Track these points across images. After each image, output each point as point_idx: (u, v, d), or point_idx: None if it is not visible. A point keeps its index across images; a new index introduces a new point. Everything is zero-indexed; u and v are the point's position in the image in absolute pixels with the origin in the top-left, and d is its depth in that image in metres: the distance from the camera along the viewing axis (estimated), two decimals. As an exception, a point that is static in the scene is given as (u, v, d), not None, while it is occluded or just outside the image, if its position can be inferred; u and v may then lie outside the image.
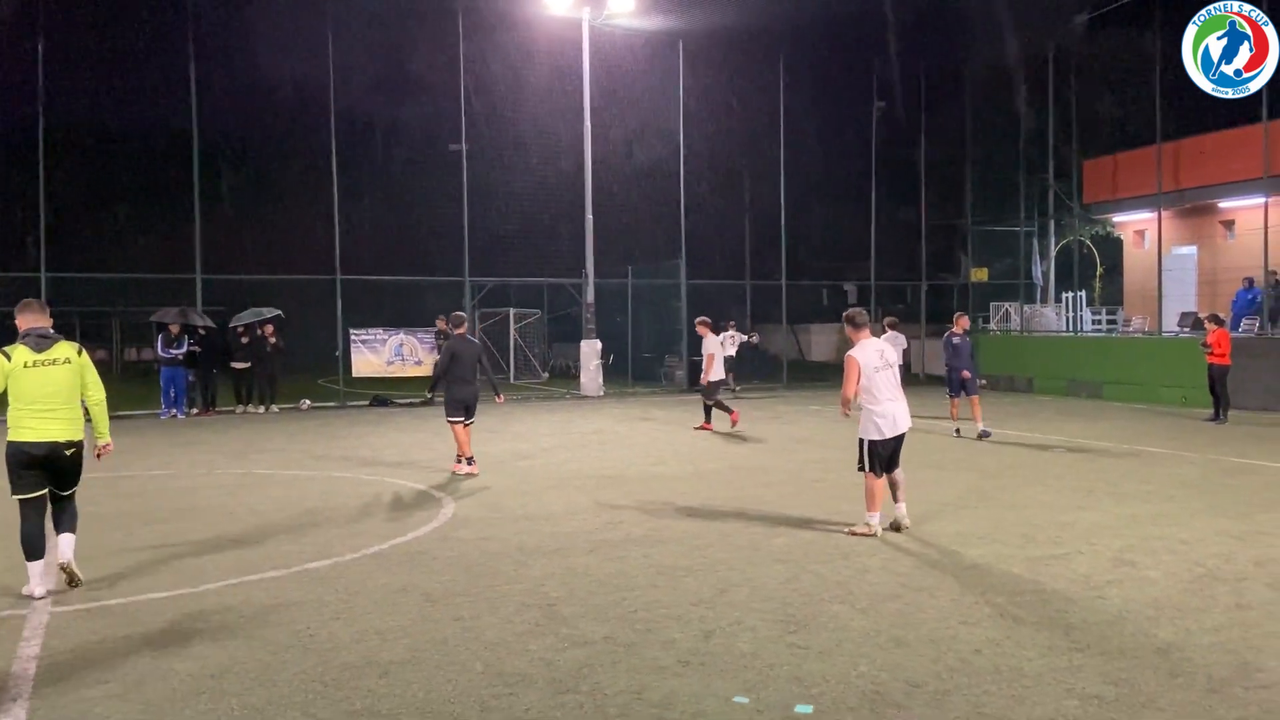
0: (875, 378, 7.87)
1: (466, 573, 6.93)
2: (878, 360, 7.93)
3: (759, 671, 4.93)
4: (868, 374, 7.85)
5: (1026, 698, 4.55)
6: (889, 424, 7.90)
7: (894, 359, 8.08)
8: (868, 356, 7.91)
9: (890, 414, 7.90)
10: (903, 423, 8.00)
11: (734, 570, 6.91)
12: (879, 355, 7.97)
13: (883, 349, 8.04)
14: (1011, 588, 6.40)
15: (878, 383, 7.88)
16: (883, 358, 7.96)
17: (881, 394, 7.88)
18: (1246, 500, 9.44)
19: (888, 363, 7.97)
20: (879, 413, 7.89)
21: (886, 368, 7.94)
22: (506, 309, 29.26)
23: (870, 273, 28.33)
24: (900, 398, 8.03)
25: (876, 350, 8.00)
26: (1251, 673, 4.81)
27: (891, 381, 7.96)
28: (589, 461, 12.55)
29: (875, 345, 8.06)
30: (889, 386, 7.93)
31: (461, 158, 22.78)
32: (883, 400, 7.88)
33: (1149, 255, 24.45)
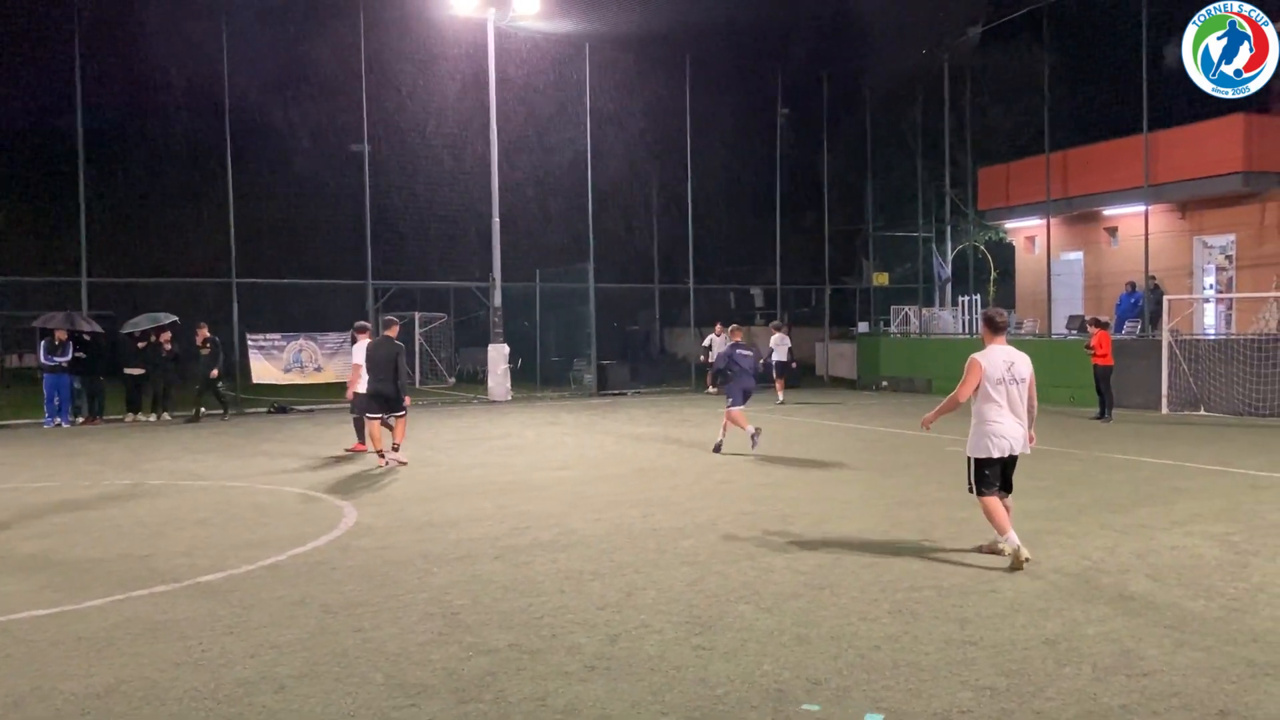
0: (996, 391, 7.04)
1: (367, 583, 6.77)
2: (1004, 371, 7.07)
3: (665, 674, 4.94)
4: (989, 384, 7.04)
5: (923, 690, 4.67)
6: (1001, 443, 7.05)
7: (1025, 374, 7.14)
8: (993, 365, 7.09)
9: (1005, 433, 7.03)
10: (1018, 444, 7.11)
11: (640, 574, 6.92)
12: (1006, 367, 7.08)
13: (1013, 361, 7.12)
14: (909, 583, 6.56)
15: (997, 396, 7.04)
16: (1010, 371, 7.07)
17: (996, 409, 7.04)
18: (1129, 495, 9.87)
19: (1015, 377, 7.08)
20: (991, 431, 7.04)
21: (1013, 382, 7.07)
22: (412, 313, 28.79)
23: (776, 277, 28.78)
24: (1021, 417, 7.12)
25: (1005, 361, 7.11)
26: (1134, 661, 5.02)
27: (1015, 398, 7.07)
28: (495, 467, 12.43)
29: (1004, 355, 7.15)
30: (1010, 402, 7.06)
31: (364, 158, 22.33)
32: (995, 418, 7.04)
33: (1039, 260, 25.42)
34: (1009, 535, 6.94)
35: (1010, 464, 7.18)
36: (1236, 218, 22.16)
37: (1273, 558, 7.14)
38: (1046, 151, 23.84)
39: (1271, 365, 17.16)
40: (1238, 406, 17.53)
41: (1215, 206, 22.44)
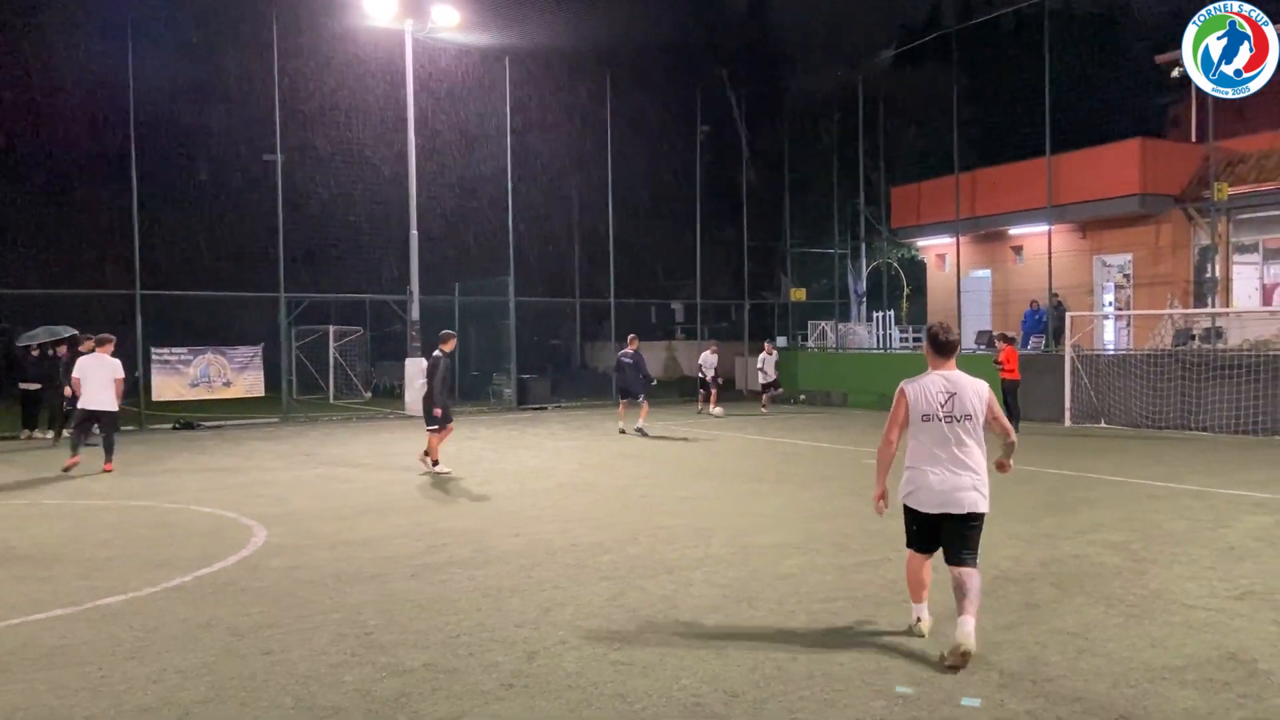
0: (923, 428, 5.46)
1: (277, 604, 6.59)
2: (938, 404, 5.41)
3: (583, 691, 4.91)
4: (915, 419, 5.47)
5: (837, 701, 4.73)
6: (921, 495, 5.47)
7: (971, 408, 5.41)
8: (923, 395, 5.44)
9: (929, 484, 5.42)
10: (951, 499, 5.37)
11: (559, 589, 6.87)
12: (943, 400, 5.41)
13: (954, 391, 5.41)
14: (825, 595, 6.65)
15: (923, 436, 5.47)
16: (950, 404, 5.40)
17: (923, 451, 5.48)
18: (1034, 505, 10.18)
19: (957, 413, 5.40)
20: (912, 478, 5.54)
21: (952, 419, 5.39)
22: (326, 326, 28.21)
23: (696, 291, 29.03)
24: (967, 464, 5.41)
25: (942, 391, 5.43)
26: (1038, 667, 5.17)
27: (954, 438, 5.39)
28: (411, 483, 12.24)
29: (944, 383, 5.46)
30: (943, 442, 5.40)
31: (276, 168, 21.83)
32: (919, 463, 5.49)
33: (949, 278, 26.16)
34: (917, 605, 5.69)
35: (947, 522, 5.41)
36: (1134, 238, 23.15)
37: (1169, 565, 7.43)
38: (956, 172, 24.59)
39: (1166, 380, 17.93)
40: (1136, 419, 18.26)
41: (1114, 227, 23.41)
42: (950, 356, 5.55)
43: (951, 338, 5.56)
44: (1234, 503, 10.15)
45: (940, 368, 5.52)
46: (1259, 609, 6.19)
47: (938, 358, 5.55)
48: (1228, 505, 10.00)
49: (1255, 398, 16.49)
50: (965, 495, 5.37)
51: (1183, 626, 5.84)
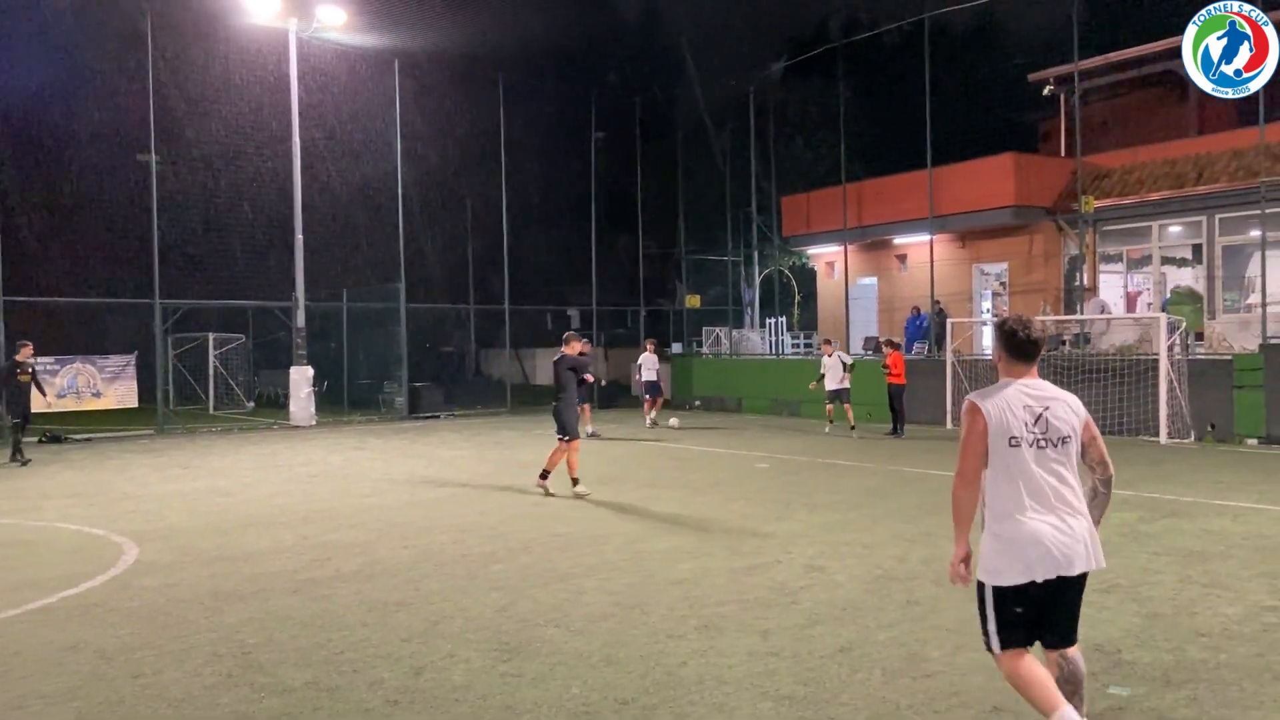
0: (1013, 457, 3.88)
1: (149, 624, 6.29)
2: (1025, 425, 3.88)
3: (471, 704, 4.84)
4: (999, 447, 3.88)
5: (726, 704, 4.77)
6: (1036, 553, 3.81)
7: (1068, 428, 3.94)
8: (1006, 411, 3.90)
9: (1041, 536, 3.81)
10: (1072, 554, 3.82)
11: (448, 601, 6.76)
12: (1033, 417, 3.90)
13: (1047, 404, 3.92)
14: (716, 599, 6.71)
15: (1016, 466, 3.88)
16: (1043, 422, 3.90)
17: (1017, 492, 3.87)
18: (917, 505, 10.51)
19: (1051, 436, 3.90)
20: (1012, 533, 3.87)
21: (1047, 444, 3.89)
22: (206, 334, 27.17)
23: (592, 297, 29.03)
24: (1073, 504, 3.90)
25: (1032, 405, 3.92)
26: (919, 663, 5.33)
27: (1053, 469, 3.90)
28: (297, 496, 11.87)
29: (1030, 395, 3.95)
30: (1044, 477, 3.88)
31: (150, 169, 20.91)
32: (1018, 509, 3.87)
33: (838, 285, 26.83)
34: (1058, 713, 3.74)
35: (1062, 594, 3.88)
36: (1009, 248, 24.17)
37: (1040, 560, 7.75)
38: (843, 182, 25.25)
39: (1040, 383, 18.71)
40: (1012, 421, 19.00)
41: (991, 237, 24.40)
42: (1034, 362, 4.01)
43: (1035, 334, 3.96)
44: (1101, 500, 10.66)
45: (1021, 376, 3.98)
46: (1123, 602, 6.51)
47: (1017, 363, 3.99)
48: (1095, 502, 10.49)
49: (1121, 400, 17.38)
50: (1082, 547, 3.84)
51: (1053, 620, 6.09)
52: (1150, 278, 22.55)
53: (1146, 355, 17.60)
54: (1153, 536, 8.65)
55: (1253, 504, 10.30)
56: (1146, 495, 10.90)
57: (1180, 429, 16.64)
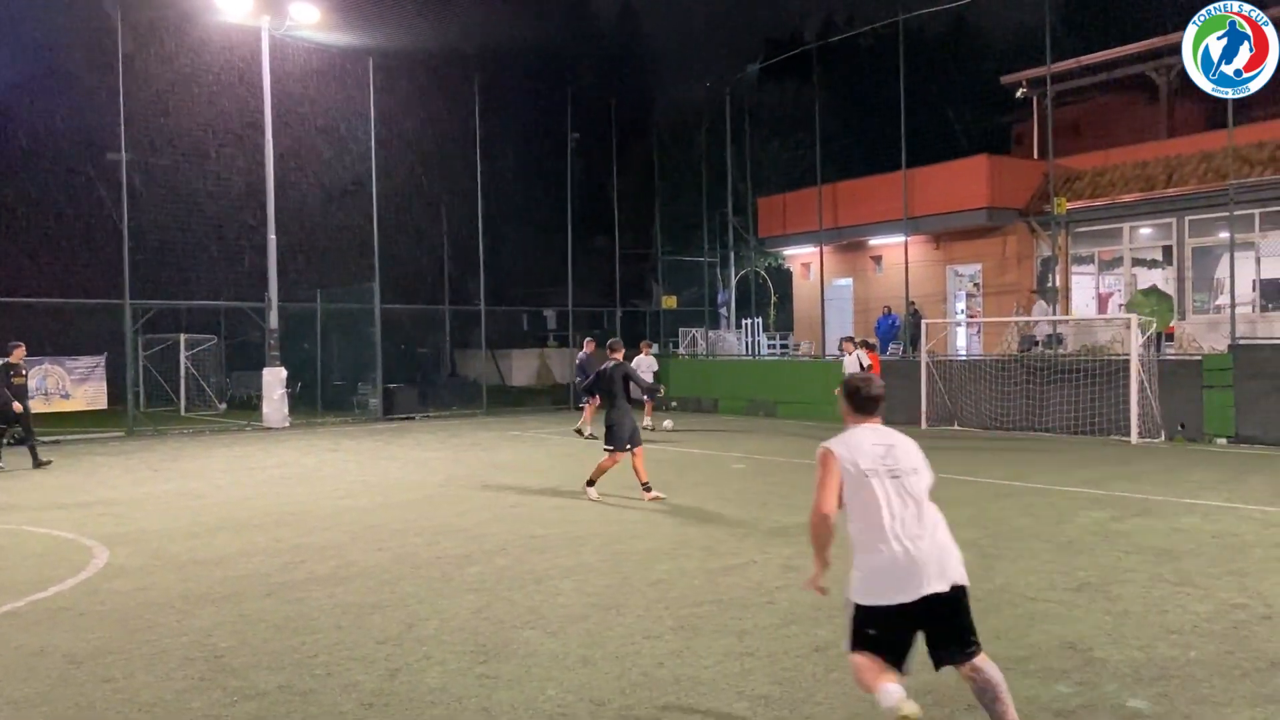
0: (867, 487, 4.14)
1: (120, 628, 6.22)
2: (877, 459, 4.18)
3: (446, 706, 4.81)
4: (854, 480, 4.16)
5: (702, 704, 4.78)
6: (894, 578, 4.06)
7: (914, 462, 4.24)
8: (856, 449, 4.21)
9: (899, 561, 4.05)
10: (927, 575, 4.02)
11: (424, 604, 6.72)
12: (880, 454, 4.20)
13: (891, 444, 4.25)
14: (693, 600, 6.71)
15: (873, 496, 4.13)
16: (889, 458, 4.19)
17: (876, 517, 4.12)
18: (892, 505, 10.55)
19: (897, 468, 4.18)
20: (872, 560, 4.15)
21: (894, 474, 4.16)
22: (177, 335, 26.87)
23: (568, 298, 28.98)
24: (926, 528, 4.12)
25: (879, 444, 4.24)
26: (894, 661, 5.35)
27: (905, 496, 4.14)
28: (270, 498, 11.77)
29: (875, 437, 4.28)
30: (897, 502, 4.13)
31: (121, 168, 20.65)
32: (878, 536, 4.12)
33: (813, 286, 26.95)
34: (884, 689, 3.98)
35: (934, 612, 4.04)
36: (982, 249, 24.37)
37: (1014, 560, 7.82)
38: (819, 184, 25.36)
39: (1013, 383, 18.91)
40: (985, 421, 19.18)
41: (964, 239, 24.59)
42: (876, 412, 4.38)
43: (875, 391, 4.39)
44: (1073, 499, 10.78)
45: (865, 424, 4.35)
46: (1094, 599, 6.58)
47: (861, 415, 4.35)
48: (1067, 502, 10.61)
49: (1092, 400, 17.56)
50: (949, 558, 4.11)
51: (1025, 618, 6.15)
52: (1121, 279, 22.80)
53: (1117, 356, 17.79)
54: (1124, 535, 8.74)
55: (1222, 502, 10.43)
56: (1117, 494, 11.02)
57: (1151, 429, 16.84)
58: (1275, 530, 8.88)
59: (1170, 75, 23.46)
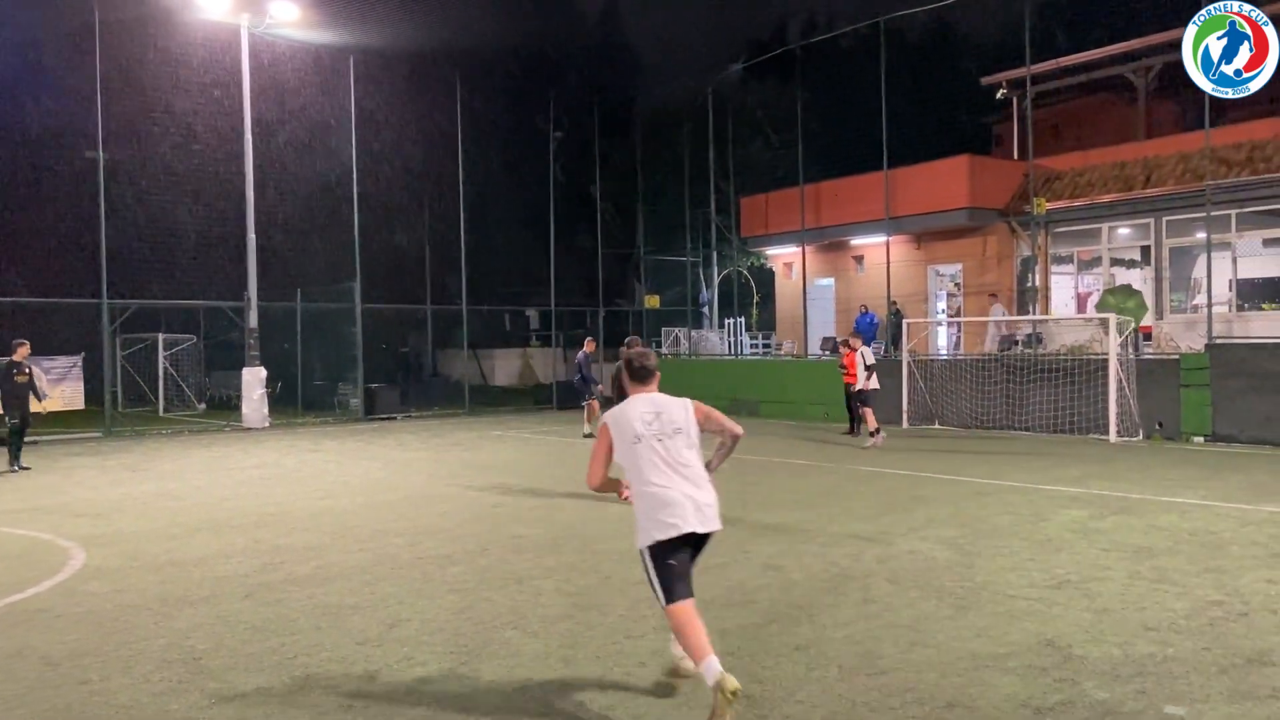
0: (642, 450, 4.90)
1: (97, 630, 6.16)
2: (645, 426, 4.94)
3: (427, 707, 4.79)
4: (628, 446, 4.92)
5: (684, 703, 4.78)
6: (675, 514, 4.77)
7: (682, 421, 5.02)
8: (628, 421, 4.97)
9: (676, 502, 4.79)
10: (698, 516, 4.81)
11: (404, 604, 6.69)
12: (649, 420, 4.97)
13: (659, 410, 5.00)
14: (674, 599, 6.70)
15: (649, 456, 4.89)
16: (658, 422, 4.96)
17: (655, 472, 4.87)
18: (873, 504, 10.60)
19: (666, 430, 4.96)
20: (656, 505, 4.82)
21: (663, 436, 4.94)
22: (155, 334, 26.66)
23: (551, 298, 28.94)
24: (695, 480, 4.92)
25: (647, 412, 5.00)
26: (874, 660, 5.37)
27: (676, 455, 4.91)
28: (249, 498, 11.69)
29: (646, 405, 5.04)
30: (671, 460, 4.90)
31: (98, 166, 20.47)
32: (658, 483, 4.84)
33: (796, 286, 27.02)
34: (707, 661, 4.53)
35: (700, 543, 4.91)
36: (963, 249, 24.51)
37: (993, 558, 7.86)
38: (801, 184, 25.42)
39: (993, 383, 19.02)
40: (966, 420, 19.29)
41: (945, 238, 24.72)
42: (650, 382, 5.15)
43: (649, 364, 5.17)
44: (1052, 498, 10.84)
45: (642, 392, 5.10)
46: (1073, 597, 6.62)
47: (638, 384, 5.14)
48: (1046, 500, 10.67)
49: (1071, 399, 17.69)
50: (714, 509, 4.87)
51: (1006, 616, 6.18)
52: (1100, 279, 22.96)
53: (1096, 355, 17.92)
54: (1102, 533, 8.80)
55: (1199, 500, 10.52)
56: (1096, 493, 11.10)
57: (1129, 427, 16.97)
58: (1252, 528, 8.97)
59: (1148, 76, 23.68)
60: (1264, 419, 15.76)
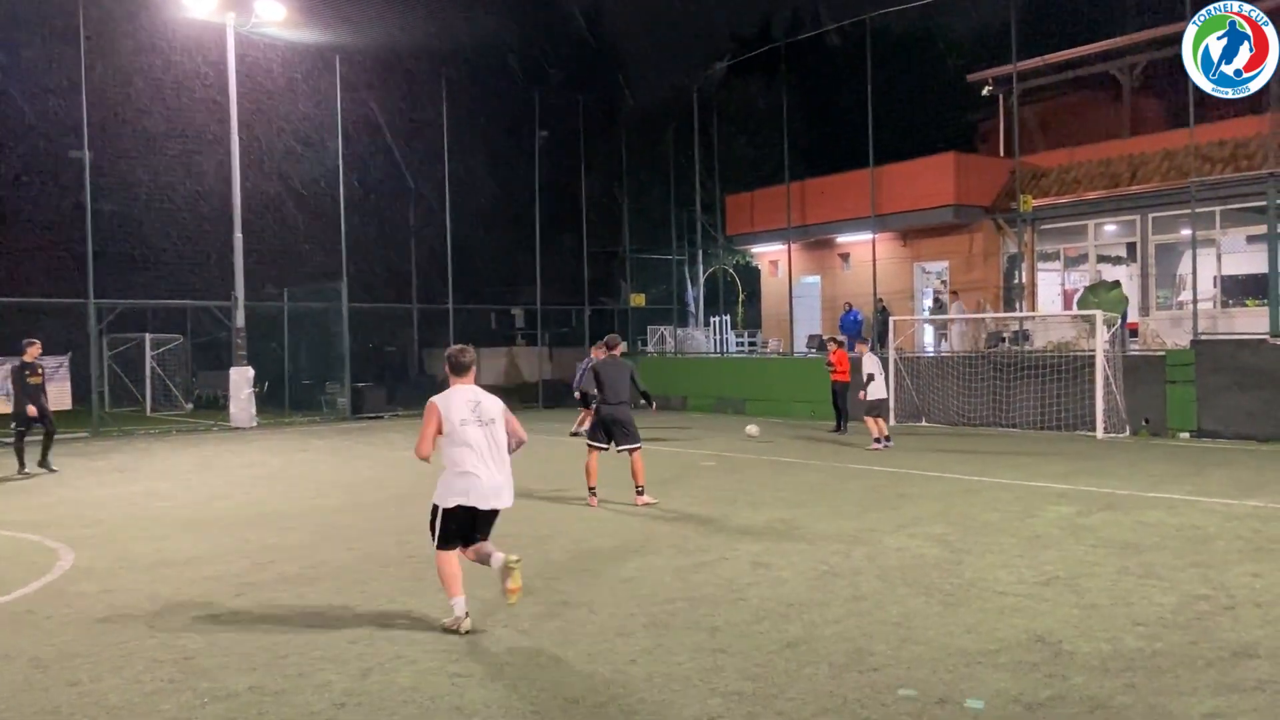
0: (462, 433, 6.06)
1: (87, 632, 6.13)
2: (468, 412, 6.11)
3: (419, 705, 4.79)
4: (453, 427, 6.06)
5: (675, 700, 4.79)
6: (471, 489, 6.07)
7: (495, 414, 6.20)
8: (454, 405, 6.11)
9: (476, 481, 6.06)
10: (493, 496, 6.11)
11: (395, 603, 6.69)
12: (471, 407, 6.14)
13: (479, 401, 6.17)
14: (664, 597, 6.73)
15: (465, 439, 6.07)
16: (477, 411, 6.13)
17: (465, 453, 6.06)
18: (860, 502, 10.65)
19: (483, 418, 6.13)
20: (458, 479, 6.09)
21: (480, 424, 6.11)
22: (142, 334, 26.51)
23: (537, 297, 28.91)
24: (499, 464, 6.15)
25: (469, 401, 6.17)
26: (864, 657, 5.40)
27: (487, 441, 6.11)
28: (238, 498, 11.65)
29: (468, 395, 6.22)
30: (480, 445, 6.10)
31: (84, 165, 20.33)
32: (465, 464, 6.06)
33: (781, 283, 27.07)
34: (456, 599, 5.98)
35: (486, 516, 6.18)
36: (949, 246, 24.60)
37: (982, 555, 7.91)
38: (787, 182, 25.47)
39: (980, 380, 19.12)
40: (953, 417, 19.38)
41: (932, 236, 24.81)
42: (468, 374, 6.28)
43: (467, 359, 6.31)
44: (1040, 494, 10.92)
45: (460, 384, 6.25)
46: (1062, 593, 6.67)
47: (458, 376, 6.27)
48: (1034, 497, 10.74)
49: (1058, 395, 17.80)
50: (502, 490, 6.17)
51: (995, 612, 6.23)
52: (1087, 276, 23.09)
53: (1083, 352, 18.03)
54: (1090, 529, 8.87)
55: (1186, 496, 10.61)
56: (1084, 489, 11.17)
57: (1116, 423, 17.09)
58: (1237, 523, 9.05)
59: (1133, 74, 23.80)
60: (1248, 414, 15.89)
